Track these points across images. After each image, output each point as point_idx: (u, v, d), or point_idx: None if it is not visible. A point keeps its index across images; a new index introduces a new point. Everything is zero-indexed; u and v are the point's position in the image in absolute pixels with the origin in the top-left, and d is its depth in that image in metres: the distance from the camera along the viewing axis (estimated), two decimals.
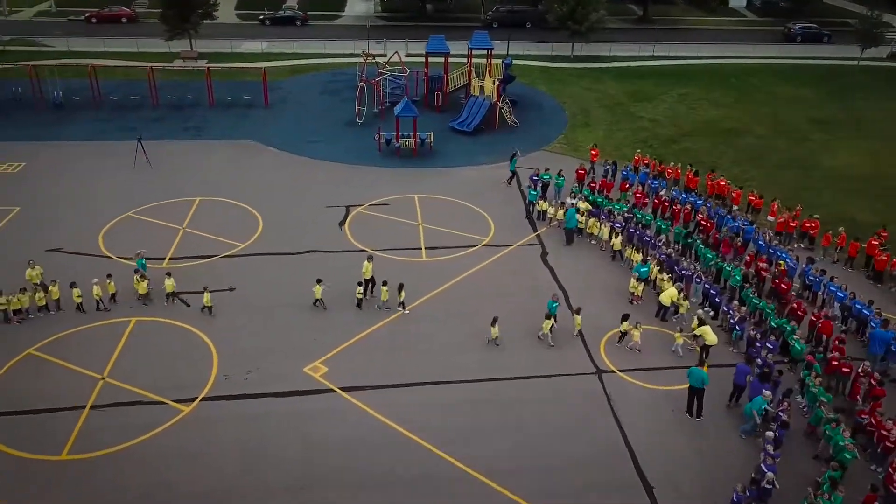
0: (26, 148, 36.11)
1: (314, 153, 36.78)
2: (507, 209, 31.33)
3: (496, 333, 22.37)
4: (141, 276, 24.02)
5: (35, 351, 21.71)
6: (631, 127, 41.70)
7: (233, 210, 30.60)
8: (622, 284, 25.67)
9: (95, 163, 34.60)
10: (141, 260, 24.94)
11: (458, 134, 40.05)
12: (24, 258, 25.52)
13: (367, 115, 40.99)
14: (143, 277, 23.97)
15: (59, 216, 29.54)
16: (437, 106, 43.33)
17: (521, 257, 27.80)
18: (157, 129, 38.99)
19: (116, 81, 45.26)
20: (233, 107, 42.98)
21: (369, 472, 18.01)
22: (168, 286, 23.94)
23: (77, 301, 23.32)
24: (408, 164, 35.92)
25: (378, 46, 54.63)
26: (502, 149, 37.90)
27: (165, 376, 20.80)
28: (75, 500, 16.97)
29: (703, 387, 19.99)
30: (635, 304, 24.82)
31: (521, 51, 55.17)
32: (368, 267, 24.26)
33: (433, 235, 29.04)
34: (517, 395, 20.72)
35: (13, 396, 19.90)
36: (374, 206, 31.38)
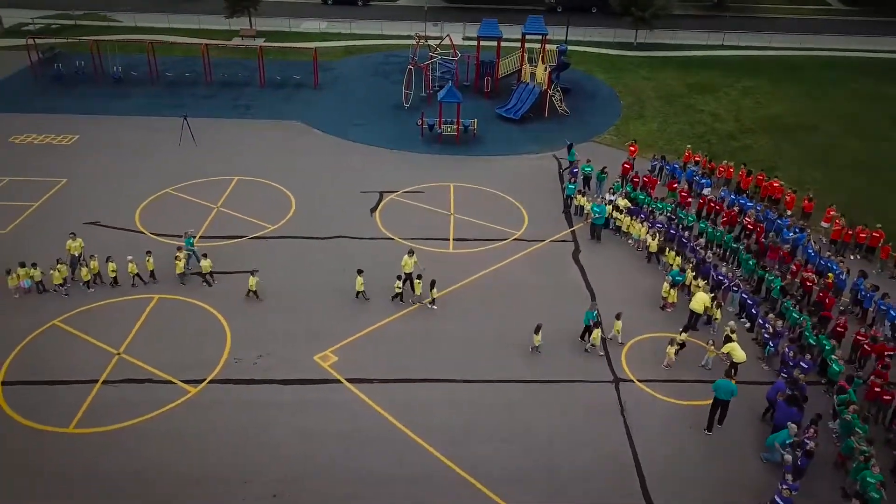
0: (82, 121, 37.23)
1: (357, 137, 36.54)
2: (544, 202, 30.32)
3: (539, 341, 21.34)
4: (190, 253, 24.40)
5: (59, 322, 22.30)
6: (688, 120, 39.69)
7: (268, 191, 30.70)
8: (655, 289, 24.42)
9: (144, 138, 35.35)
10: (189, 239, 25.04)
11: (504, 121, 39.06)
12: (64, 230, 26.36)
13: (414, 100, 40.45)
14: (195, 256, 24.38)
15: (101, 189, 30.30)
16: (486, 91, 42.37)
17: (552, 254, 26.84)
18: (206, 107, 39.55)
19: (175, 58, 46.12)
20: (283, 87, 43.17)
21: (365, 469, 17.70)
22: (205, 266, 24.08)
23: (112, 276, 23.81)
24: (449, 150, 35.24)
25: (435, 29, 53.87)
26: (549, 138, 36.83)
27: (178, 356, 21.00)
28: (73, 473, 17.30)
29: (730, 399, 18.85)
30: (668, 310, 23.55)
31: (582, 37, 53.39)
32: (409, 262, 23.65)
33: (463, 226, 28.38)
34: (526, 399, 19.98)
35: (33, 366, 20.48)
36: (409, 193, 30.91)
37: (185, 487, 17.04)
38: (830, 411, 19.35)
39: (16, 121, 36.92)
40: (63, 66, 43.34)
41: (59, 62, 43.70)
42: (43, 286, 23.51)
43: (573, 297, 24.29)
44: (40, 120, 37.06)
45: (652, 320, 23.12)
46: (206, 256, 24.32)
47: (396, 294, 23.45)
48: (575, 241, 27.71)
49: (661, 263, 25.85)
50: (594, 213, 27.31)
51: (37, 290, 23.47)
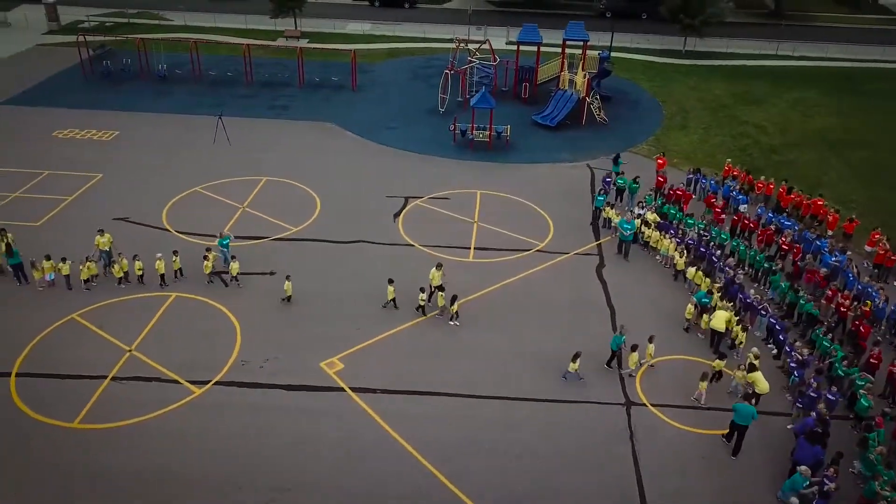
0: (124, 117, 38.09)
1: (389, 140, 36.37)
2: (572, 213, 29.54)
3: (575, 368, 20.43)
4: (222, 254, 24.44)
5: (78, 316, 22.68)
6: (731, 132, 38.27)
7: (295, 192, 30.76)
8: (679, 309, 23.45)
9: (181, 136, 35.92)
10: (225, 239, 24.83)
11: (540, 128, 38.35)
12: (93, 225, 26.91)
13: (450, 104, 40.07)
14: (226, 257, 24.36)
15: (134, 186, 30.85)
16: (524, 97, 41.74)
17: (575, 267, 26.08)
18: (244, 106, 40.00)
19: (220, 57, 46.83)
20: (321, 88, 43.38)
21: (358, 482, 17.37)
22: (233, 269, 23.99)
23: (138, 273, 24.03)
24: (480, 157, 34.75)
25: (478, 33, 53.44)
26: (584, 147, 36.02)
27: (187, 355, 21.08)
28: (71, 468, 17.45)
29: (748, 424, 17.93)
30: (699, 336, 22.45)
31: (629, 43, 52.17)
32: (436, 275, 22.99)
33: (486, 235, 27.85)
34: (531, 419, 19.35)
35: (47, 359, 20.84)
36: (434, 199, 30.55)
37: (179, 490, 17.00)
38: (855, 449, 18.14)
39: (61, 115, 38.01)
40: (111, 63, 44.50)
41: (107, 59, 44.88)
42: (69, 281, 23.89)
43: (592, 313, 23.53)
44: (84, 115, 38.06)
45: (673, 342, 22.18)
46: (234, 259, 24.25)
47: (419, 306, 22.97)
48: (600, 254, 26.88)
49: (688, 282, 24.82)
50: (622, 230, 26.29)
51: (66, 285, 23.84)
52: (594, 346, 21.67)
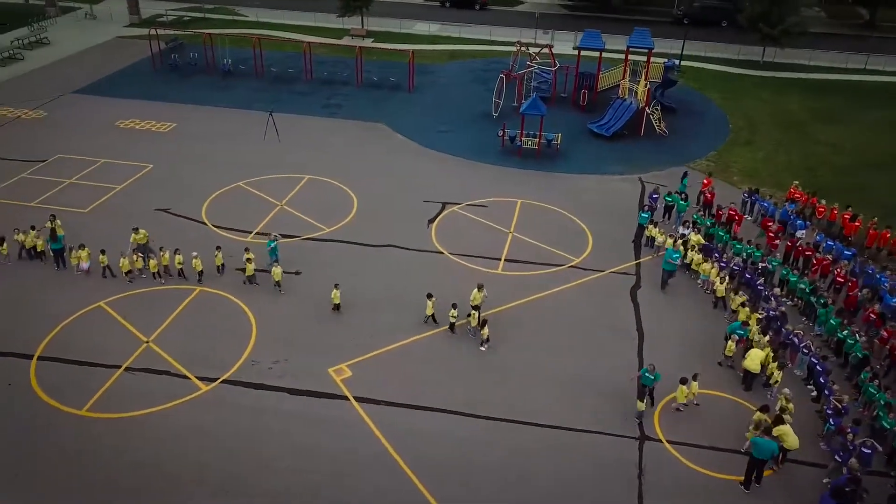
0: (183, 110, 39.12)
1: (437, 144, 35.86)
2: (614, 229, 28.20)
3: (642, 408, 19.08)
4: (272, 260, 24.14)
5: (105, 304, 23.21)
6: (801, 151, 35.83)
7: (334, 192, 30.68)
8: (715, 339, 21.93)
9: (233, 130, 36.55)
10: (273, 241, 24.43)
11: (595, 138, 37.02)
12: (136, 214, 27.74)
13: (505, 109, 39.20)
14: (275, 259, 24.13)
15: (180, 178, 31.52)
16: (582, 105, 40.41)
17: (608, 287, 24.83)
18: (300, 104, 40.38)
19: (284, 54, 47.52)
20: (378, 88, 43.34)
21: (345, 497, 16.89)
22: (275, 274, 23.67)
23: (178, 267, 24.23)
24: (527, 165, 33.78)
25: (545, 37, 52.35)
26: (638, 159, 34.49)
27: (200, 351, 21.18)
28: (70, 456, 17.73)
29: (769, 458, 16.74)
30: (737, 372, 20.77)
31: (702, 52, 49.90)
32: (478, 296, 21.88)
33: (519, 247, 26.93)
34: (537, 444, 18.39)
35: (69, 344, 21.37)
36: (472, 206, 29.83)
37: (170, 487, 16.97)
38: None
39: (126, 106, 39.38)
40: (179, 56, 45.87)
41: (176, 53, 46.30)
42: (111, 271, 24.36)
43: (618, 337, 22.29)
44: (147, 107, 39.31)
45: (704, 372, 20.66)
46: (277, 264, 24.02)
47: (451, 324, 22.16)
48: (637, 275, 25.51)
49: (727, 311, 23.20)
50: (669, 258, 24.23)
51: (102, 274, 24.31)
52: (615, 372, 20.56)
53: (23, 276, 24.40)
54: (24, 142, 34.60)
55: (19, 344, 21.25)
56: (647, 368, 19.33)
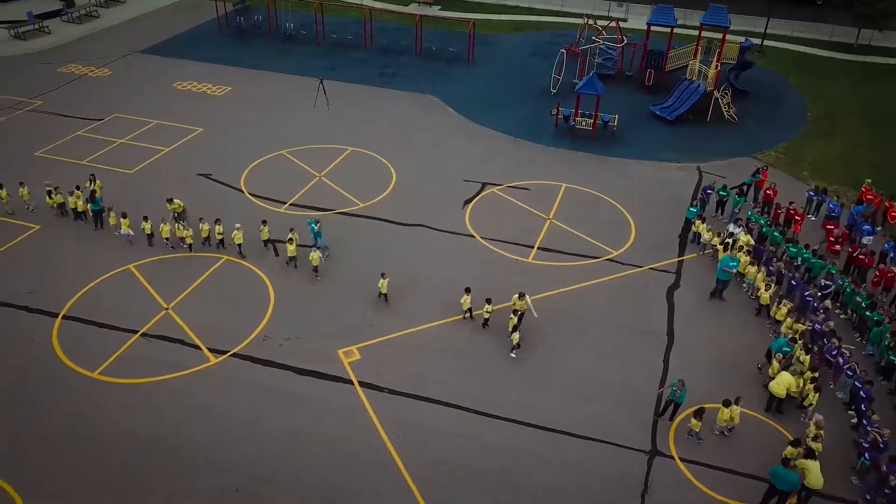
0: (240, 74, 39.27)
1: (487, 120, 34.67)
2: (661, 222, 26.52)
3: (698, 427, 17.49)
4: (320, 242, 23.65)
5: (133, 267, 23.56)
6: (888, 149, 32.68)
7: (374, 166, 30.12)
8: (754, 351, 20.33)
9: (286, 96, 36.41)
10: (314, 224, 23.80)
11: (656, 121, 34.94)
12: (180, 176, 28.12)
13: (566, 86, 37.47)
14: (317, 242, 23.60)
15: (227, 143, 31.64)
16: (647, 85, 38.17)
17: (644, 284, 23.36)
18: (355, 72, 39.84)
19: (347, 20, 46.94)
20: (436, 58, 42.27)
21: (333, 484, 16.52)
22: (314, 258, 22.95)
23: (218, 237, 24.07)
24: (579, 146, 32.22)
25: (620, 10, 49.81)
26: (701, 147, 32.37)
27: (216, 322, 21.19)
28: (70, 417, 18.02)
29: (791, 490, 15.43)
30: None
31: (789, 31, 46.29)
32: (520, 304, 20.58)
33: (556, 235, 25.70)
34: (541, 449, 17.49)
35: (93, 305, 21.79)
36: (513, 188, 28.69)
37: (162, 458, 16.95)
38: None
39: (187, 68, 39.88)
40: (244, 20, 46.04)
41: (241, 16, 46.48)
42: (151, 239, 24.34)
43: (646, 341, 20.94)
44: (206, 69, 39.67)
45: (733, 388, 19.12)
46: (317, 248, 23.42)
47: (486, 320, 21.06)
48: (678, 273, 23.90)
49: (770, 321, 21.44)
50: (724, 267, 22.11)
51: (149, 244, 24.30)
52: (635, 379, 19.35)
53: (63, 235, 25.04)
54: (87, 100, 35.54)
55: (48, 301, 21.84)
56: (675, 384, 17.88)
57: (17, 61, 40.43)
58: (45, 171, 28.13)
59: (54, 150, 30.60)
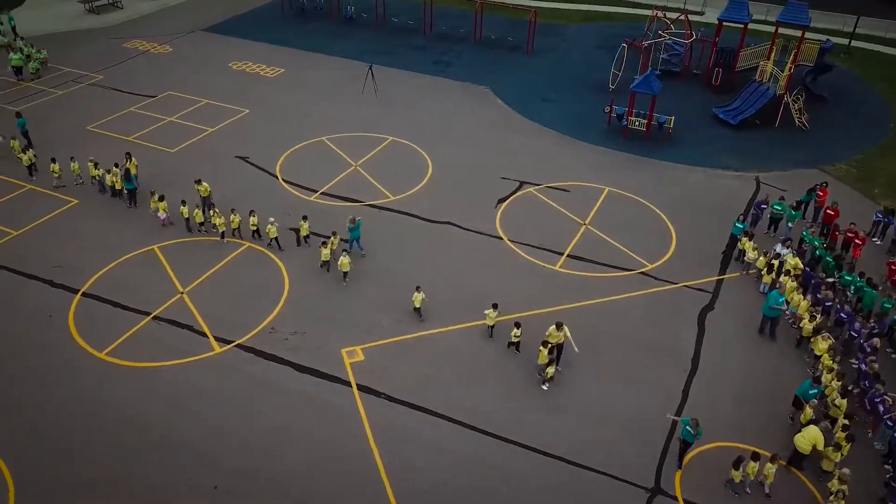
0: (295, 56, 39.27)
1: (537, 115, 33.35)
2: (705, 235, 24.73)
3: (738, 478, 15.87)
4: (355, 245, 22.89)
5: (158, 248, 23.73)
6: None
7: (412, 158, 29.39)
8: (787, 388, 18.57)
9: (336, 81, 36.11)
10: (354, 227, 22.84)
11: (719, 124, 32.76)
12: (219, 158, 28.29)
13: (624, 83, 35.63)
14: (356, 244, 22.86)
15: (270, 126, 31.59)
16: (714, 84, 35.84)
17: (676, 302, 21.81)
18: (410, 59, 39.14)
19: (409, 5, 46.17)
20: (494, 47, 41.05)
21: (303, 492, 16.01)
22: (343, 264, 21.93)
23: (252, 228, 23.71)
24: (630, 148, 30.52)
25: (697, 2, 47.08)
26: (763, 155, 30.19)
27: (226, 310, 21.03)
28: (66, 397, 18.17)
29: None
30: None
31: (882, 31, 42.56)
32: (555, 335, 18.77)
33: (589, 242, 24.35)
34: (534, 474, 16.46)
35: (113, 283, 22.03)
36: (552, 188, 27.41)
37: (149, 445, 16.78)
38: None
39: (244, 48, 40.16)
40: (307, 1, 45.97)
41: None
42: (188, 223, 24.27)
43: (667, 365, 19.49)
44: (263, 50, 39.83)
45: (757, 430, 17.58)
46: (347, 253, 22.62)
47: (512, 343, 19.63)
48: (714, 293, 22.20)
49: (810, 354, 19.58)
50: (773, 303, 19.93)
51: (187, 228, 24.30)
52: (648, 408, 18.01)
53: (97, 212, 25.49)
54: (144, 76, 36.26)
55: (72, 277, 22.24)
56: (690, 423, 16.33)
57: (88, 35, 41.71)
58: (94, 146, 28.79)
59: (105, 125, 31.30)
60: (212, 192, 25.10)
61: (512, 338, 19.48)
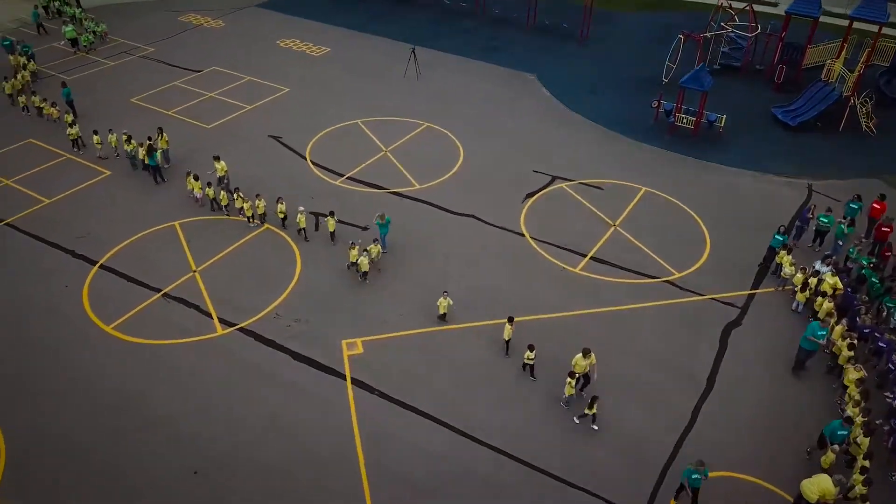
0: (343, 35, 39.01)
1: (581, 106, 32.01)
2: (742, 245, 23.16)
3: None
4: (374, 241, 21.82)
5: (178, 224, 23.87)
6: None
7: (444, 146, 28.67)
8: (810, 422, 17.17)
9: (381, 63, 35.60)
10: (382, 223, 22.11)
11: (777, 125, 30.71)
12: (252, 136, 28.30)
13: (678, 76, 33.74)
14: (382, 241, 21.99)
15: (307, 107, 31.39)
16: (777, 82, 33.58)
17: (700, 317, 20.45)
18: (458, 42, 38.28)
19: None
20: (546, 33, 39.69)
21: (276, 489, 15.65)
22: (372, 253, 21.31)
23: (280, 216, 23.21)
24: (675, 147, 28.91)
25: None
26: (822, 161, 28.20)
27: (235, 292, 20.93)
28: (64, 366, 18.44)
29: None
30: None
31: None
32: (581, 366, 17.39)
33: (616, 245, 23.15)
34: (515, 488, 15.66)
35: (132, 258, 22.25)
36: (585, 185, 26.22)
37: (135, 423, 16.83)
38: None
39: (294, 25, 40.13)
40: None
41: None
42: (217, 204, 24.20)
43: (680, 384, 18.28)
44: (312, 28, 39.72)
45: (770, 462, 16.33)
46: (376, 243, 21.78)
47: (526, 365, 18.24)
48: (743, 309, 20.74)
49: (838, 383, 18.03)
50: (812, 336, 18.06)
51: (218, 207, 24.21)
52: (654, 428, 16.95)
53: (127, 185, 25.86)
54: (193, 50, 36.65)
55: (92, 248, 22.60)
56: (695, 469, 14.80)
57: (146, 7, 42.52)
58: (133, 119, 29.26)
59: (147, 98, 31.76)
60: (228, 172, 25.00)
61: (525, 360, 18.05)
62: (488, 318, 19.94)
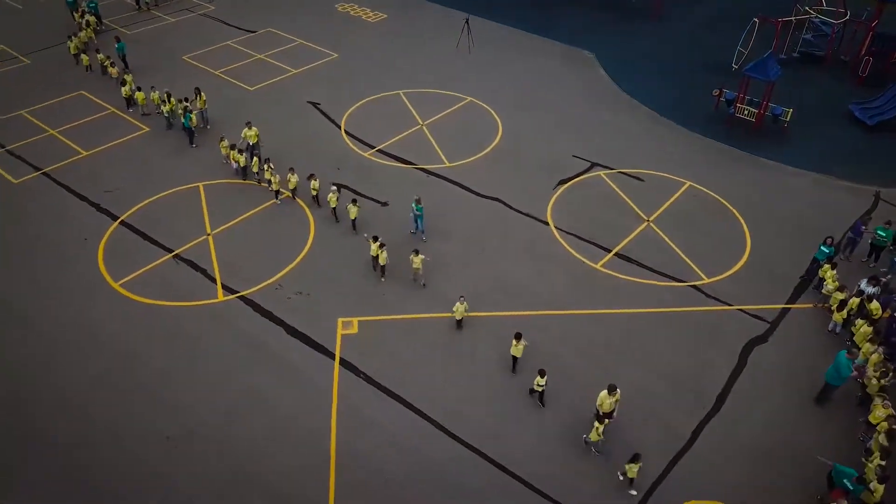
0: (402, 2, 38.02)
1: (636, 89, 30.11)
2: (786, 253, 21.20)
3: None
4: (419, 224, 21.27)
5: (202, 186, 23.91)
6: None
7: (483, 123, 27.55)
8: (829, 458, 15.60)
9: (436, 32, 34.64)
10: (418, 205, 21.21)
11: (852, 123, 27.99)
12: (292, 101, 28.11)
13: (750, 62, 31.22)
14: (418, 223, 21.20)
15: (352, 74, 30.84)
16: (862, 75, 30.55)
17: (723, 329, 18.84)
18: (517, 13, 36.84)
19: None
20: (616, 8, 37.53)
21: (252, 471, 15.35)
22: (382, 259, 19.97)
23: (313, 193, 22.57)
24: (732, 140, 26.77)
25: None
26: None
27: (243, 259, 20.79)
28: (74, 319, 18.80)
29: None
30: None
31: None
32: (606, 401, 15.56)
33: (645, 242, 21.64)
34: (483, 489, 14.92)
35: (149, 215, 22.48)
36: (624, 174, 24.65)
37: (126, 385, 17.06)
38: None
39: None
40: None
41: None
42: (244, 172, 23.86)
43: (686, 400, 16.90)
44: None
45: (771, 499, 14.91)
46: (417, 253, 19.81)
47: (534, 391, 16.63)
48: (773, 324, 18.97)
49: (866, 419, 16.22)
50: (839, 366, 16.35)
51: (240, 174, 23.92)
52: (646, 447, 15.60)
53: (162, 142, 26.08)
54: (253, 10, 36.64)
55: (116, 204, 22.93)
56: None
57: None
58: (181, 76, 29.54)
59: (198, 57, 31.97)
60: (260, 139, 24.73)
61: (535, 386, 16.43)
62: (492, 310, 19.03)
